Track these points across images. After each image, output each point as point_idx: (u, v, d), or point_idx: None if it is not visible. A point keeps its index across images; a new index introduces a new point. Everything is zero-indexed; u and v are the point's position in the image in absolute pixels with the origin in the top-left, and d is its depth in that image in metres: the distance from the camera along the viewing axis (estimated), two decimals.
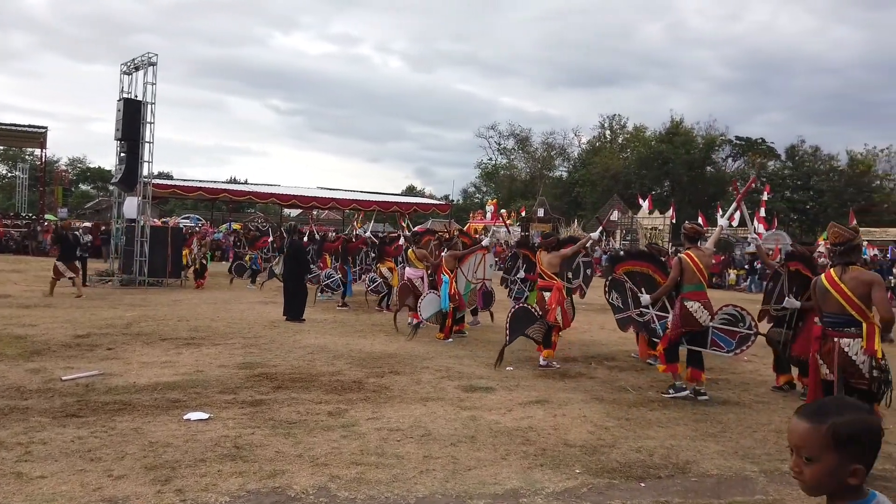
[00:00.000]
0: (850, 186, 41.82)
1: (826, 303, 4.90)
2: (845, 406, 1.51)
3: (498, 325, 11.42)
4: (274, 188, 22.78)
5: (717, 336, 6.78)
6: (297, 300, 11.51)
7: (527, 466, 4.58)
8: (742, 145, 50.15)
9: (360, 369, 7.57)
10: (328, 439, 5.01)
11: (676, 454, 4.94)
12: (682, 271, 6.86)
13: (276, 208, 32.40)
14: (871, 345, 4.68)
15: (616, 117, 57.92)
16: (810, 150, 46.86)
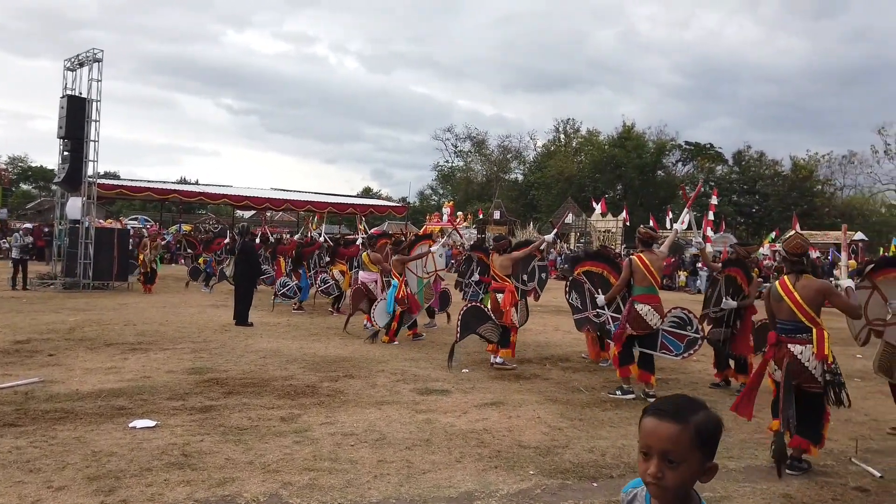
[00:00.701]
0: (794, 191, 43.32)
1: (780, 310, 5.03)
2: (696, 404, 1.51)
3: (454, 326, 11.41)
4: (226, 189, 22.26)
5: (666, 339, 6.92)
6: (245, 304, 11.21)
7: (481, 469, 4.58)
8: (691, 150, 51.47)
9: (313, 373, 7.46)
10: (280, 445, 4.91)
11: (628, 453, 5.02)
12: (632, 273, 7.01)
13: (229, 209, 31.76)
14: (822, 350, 4.82)
15: (570, 121, 58.79)
16: (756, 155, 48.45)
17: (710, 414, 1.50)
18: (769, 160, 47.85)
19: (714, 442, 1.48)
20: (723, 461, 4.91)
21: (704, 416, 1.48)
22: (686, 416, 1.46)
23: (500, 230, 38.73)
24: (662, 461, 1.44)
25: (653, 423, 1.48)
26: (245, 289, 11.35)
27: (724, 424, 1.53)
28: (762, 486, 4.44)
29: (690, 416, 1.46)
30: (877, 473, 4.70)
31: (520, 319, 8.96)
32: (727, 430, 5.74)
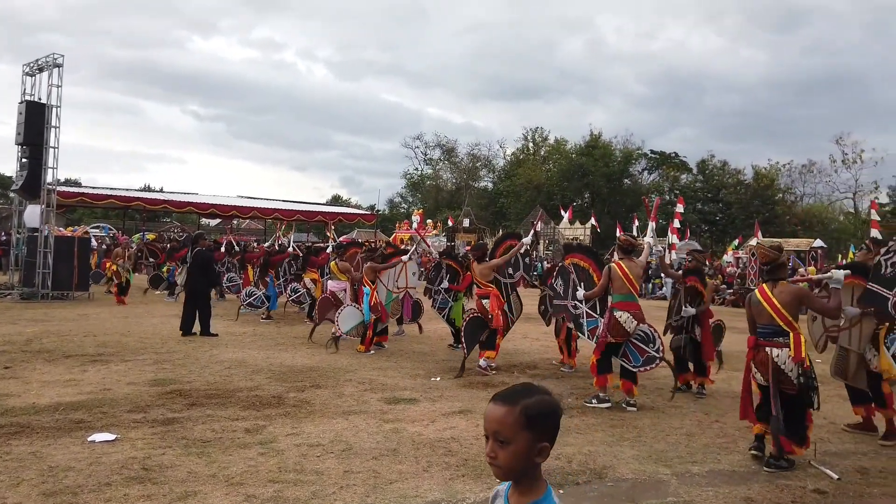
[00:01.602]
0: (756, 199, 44.35)
1: (760, 315, 5.24)
2: (533, 390, 1.62)
3: (426, 336, 11.42)
4: (191, 196, 21.82)
5: (629, 349, 7.00)
6: (204, 315, 10.80)
7: (448, 478, 4.57)
8: (657, 159, 52.37)
9: (280, 384, 7.37)
10: (244, 457, 4.84)
11: (594, 460, 5.06)
12: (610, 280, 7.09)
13: (195, 218, 31.21)
14: (799, 353, 4.99)
15: (539, 130, 59.37)
16: (719, 164, 49.52)
17: (544, 398, 1.59)
18: (732, 169, 49.02)
19: (542, 423, 1.57)
20: (686, 466, 4.99)
21: (535, 400, 1.58)
22: (516, 400, 1.58)
23: (469, 238, 38.83)
24: (495, 441, 1.56)
25: (489, 408, 1.61)
26: (201, 300, 10.85)
27: (559, 409, 1.60)
28: (724, 490, 4.51)
29: (521, 400, 1.58)
30: (834, 476, 4.81)
31: (515, 312, 9.04)
32: (690, 435, 5.85)
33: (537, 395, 1.61)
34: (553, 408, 1.60)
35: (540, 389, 1.63)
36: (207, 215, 23.09)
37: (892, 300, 5.26)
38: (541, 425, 1.57)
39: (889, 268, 5.36)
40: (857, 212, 43.81)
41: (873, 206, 25.05)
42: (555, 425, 1.60)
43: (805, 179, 47.41)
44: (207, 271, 11.22)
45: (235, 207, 20.39)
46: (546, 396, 1.61)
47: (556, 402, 1.62)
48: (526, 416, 1.56)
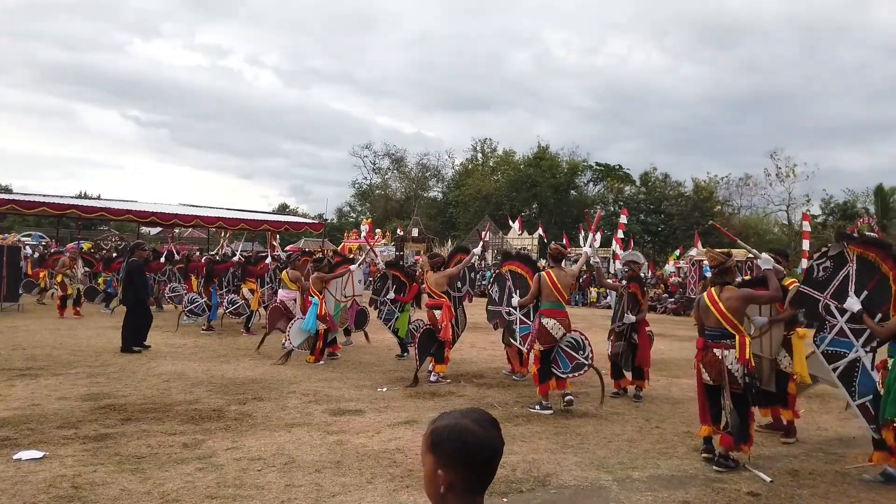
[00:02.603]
0: (696, 211, 45.74)
1: (707, 318, 5.46)
2: (451, 413, 1.59)
3: (372, 346, 11.32)
4: (130, 204, 21.06)
5: (559, 356, 7.13)
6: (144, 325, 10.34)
7: (393, 489, 4.53)
8: (602, 171, 53.49)
9: (220, 396, 7.18)
10: (181, 473, 4.68)
11: (538, 467, 5.09)
12: (540, 288, 7.21)
13: (134, 226, 30.13)
14: (743, 355, 5.24)
15: (487, 141, 59.91)
16: (661, 176, 50.86)
17: (457, 423, 1.54)
18: (673, 181, 50.41)
19: (441, 447, 1.51)
20: (627, 471, 5.09)
21: (446, 423, 1.55)
22: (435, 420, 1.58)
23: (418, 247, 38.84)
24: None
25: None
26: (137, 312, 10.29)
27: (461, 437, 1.50)
28: (663, 495, 4.61)
29: (437, 421, 1.57)
30: (767, 478, 4.97)
31: (460, 326, 9.09)
32: (631, 441, 5.96)
33: (448, 419, 1.55)
34: (456, 433, 1.51)
35: (460, 414, 1.57)
36: (147, 223, 22.28)
37: (822, 302, 5.54)
38: (439, 450, 1.52)
39: (821, 272, 5.64)
40: (790, 223, 45.72)
41: (805, 218, 26.15)
42: (457, 454, 1.50)
43: (742, 192, 49.16)
44: (136, 283, 10.57)
45: (177, 216, 19.71)
46: (460, 421, 1.53)
47: (466, 429, 1.52)
48: (431, 439, 1.54)
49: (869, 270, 5.32)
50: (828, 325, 5.53)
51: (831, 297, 5.51)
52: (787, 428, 6.31)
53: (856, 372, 5.32)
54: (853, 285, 5.36)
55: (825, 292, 5.56)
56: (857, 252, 5.42)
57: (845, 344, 5.40)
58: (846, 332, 5.41)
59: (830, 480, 5.06)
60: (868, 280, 5.30)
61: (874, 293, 5.24)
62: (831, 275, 5.55)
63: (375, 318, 11.05)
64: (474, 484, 1.53)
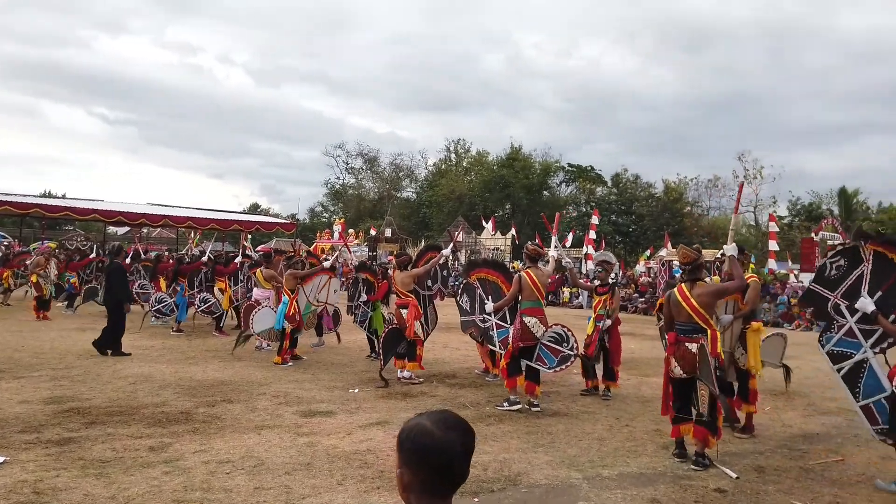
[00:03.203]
0: (666, 212, 46.39)
1: (679, 314, 5.55)
2: (422, 414, 1.59)
3: (344, 347, 11.24)
4: (97, 203, 20.54)
5: (542, 352, 7.18)
6: (118, 332, 9.95)
7: (363, 490, 4.50)
8: (574, 172, 53.93)
9: (188, 399, 7.06)
10: (147, 477, 4.60)
11: (509, 467, 5.11)
12: (521, 288, 7.26)
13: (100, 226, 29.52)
14: (715, 348, 5.37)
15: (461, 141, 60.01)
16: (632, 178, 51.41)
17: (414, 424, 1.55)
18: (644, 183, 51.00)
19: (403, 447, 1.53)
20: (597, 469, 5.13)
21: (412, 424, 1.56)
22: (407, 420, 1.59)
23: (391, 247, 38.71)
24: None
25: None
26: (115, 316, 10.03)
27: (418, 438, 1.52)
28: (632, 492, 4.65)
29: (408, 421, 1.58)
30: (733, 475, 5.06)
31: (430, 324, 9.04)
32: (601, 440, 6.01)
33: (416, 420, 1.56)
34: (415, 435, 1.52)
35: (428, 415, 1.57)
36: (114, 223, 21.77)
37: (832, 301, 5.49)
38: (401, 449, 1.54)
39: (834, 270, 5.56)
40: (757, 224, 46.59)
41: (772, 219, 26.82)
42: (414, 455, 1.51)
43: (711, 193, 50.05)
44: (117, 286, 10.27)
45: (145, 215, 19.32)
46: (419, 423, 1.54)
47: (419, 430, 1.52)
48: (398, 438, 1.57)
49: (887, 270, 5.20)
50: (836, 324, 5.45)
51: (842, 296, 5.42)
52: (746, 424, 6.48)
53: (861, 373, 5.26)
54: (866, 285, 5.25)
55: (836, 291, 5.48)
56: (874, 250, 5.29)
57: (853, 345, 5.33)
58: (855, 332, 5.32)
59: (795, 476, 5.16)
60: (884, 280, 5.19)
61: (889, 294, 5.15)
62: (844, 273, 5.45)
63: (352, 323, 11.00)
64: (435, 486, 1.53)
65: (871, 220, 40.40)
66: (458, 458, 1.53)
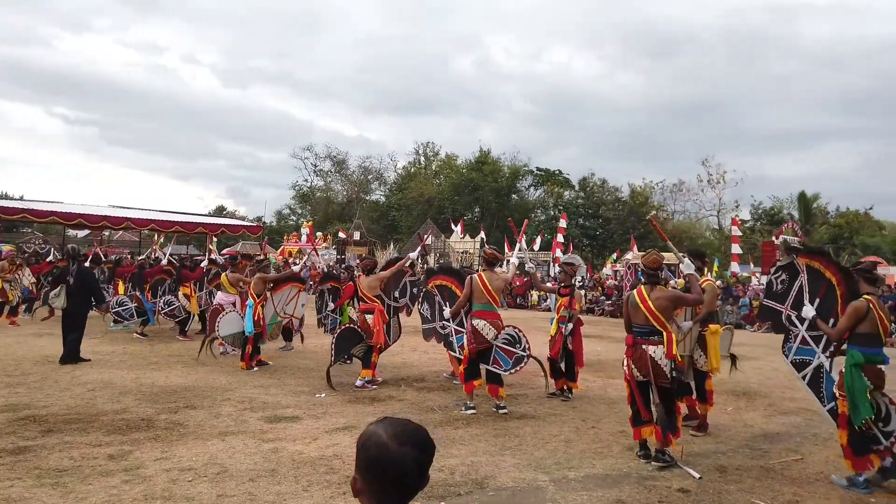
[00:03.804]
0: (632, 215, 47.04)
1: (636, 316, 5.63)
2: (383, 421, 1.59)
3: (311, 351, 11.13)
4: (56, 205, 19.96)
5: (498, 354, 7.23)
6: (78, 337, 9.54)
7: (329, 496, 4.45)
8: (542, 176, 54.38)
9: (150, 405, 6.91)
10: (106, 486, 4.48)
11: (476, 470, 5.11)
12: (472, 290, 7.33)
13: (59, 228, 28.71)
14: (671, 350, 5.46)
15: (430, 144, 60.05)
16: (599, 182, 52.09)
17: (370, 432, 1.56)
18: (611, 187, 51.67)
19: (357, 454, 1.55)
20: (563, 471, 5.16)
21: (366, 430, 1.58)
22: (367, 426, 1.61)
23: (360, 251, 38.51)
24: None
25: None
26: (78, 321, 9.62)
27: (370, 448, 1.53)
28: (598, 494, 4.69)
29: (367, 427, 1.60)
30: (696, 475, 5.13)
31: (392, 336, 8.99)
32: (568, 442, 6.05)
33: (374, 428, 1.56)
34: (369, 445, 1.53)
35: (393, 427, 1.56)
36: (74, 226, 21.17)
37: (784, 313, 5.83)
38: (358, 457, 1.56)
39: (779, 285, 5.94)
40: (720, 228, 47.51)
41: (734, 223, 27.40)
42: (364, 463, 1.52)
43: (675, 197, 50.89)
44: (92, 290, 10.01)
45: (106, 217, 18.80)
46: (378, 432, 1.54)
47: (377, 444, 1.52)
48: (357, 444, 1.58)
49: (817, 278, 5.60)
50: (792, 335, 5.76)
51: (791, 307, 5.76)
52: (701, 422, 6.66)
53: (821, 378, 5.51)
54: (807, 294, 5.62)
55: (785, 304, 5.81)
56: (804, 262, 5.71)
57: (808, 351, 5.62)
58: (808, 339, 5.63)
59: (756, 475, 5.26)
60: (818, 287, 5.57)
61: (826, 299, 5.51)
62: (788, 286, 5.83)
63: (322, 332, 10.91)
64: (385, 496, 1.52)
65: (830, 225, 41.54)
66: (411, 474, 1.52)
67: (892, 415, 5.06)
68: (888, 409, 5.07)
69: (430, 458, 1.57)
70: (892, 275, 27.10)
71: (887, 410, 5.07)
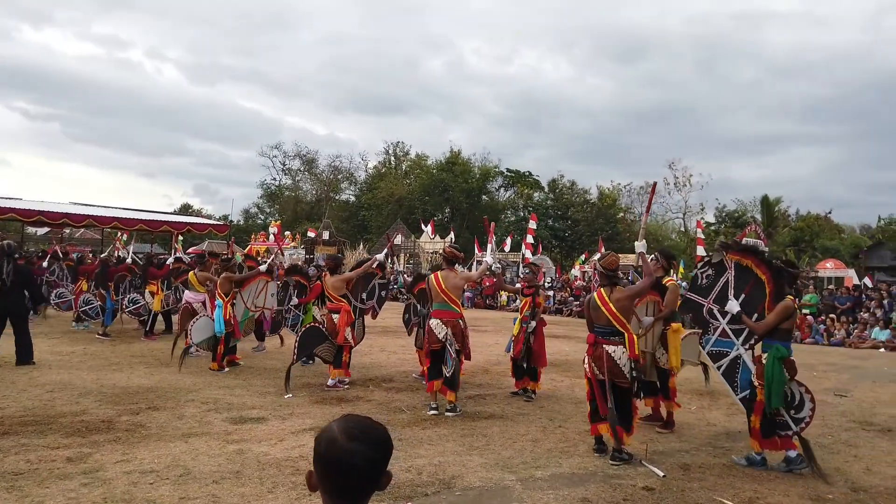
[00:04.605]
0: (600, 217, 47.58)
1: (597, 317, 5.72)
2: (344, 417, 1.60)
3: (279, 352, 11.02)
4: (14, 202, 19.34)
5: (447, 356, 7.16)
6: (26, 338, 9.16)
7: (294, 498, 4.40)
8: (512, 177, 54.70)
9: (111, 407, 6.76)
10: (64, 489, 4.37)
11: (444, 470, 5.10)
12: (429, 290, 7.37)
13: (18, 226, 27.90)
14: (633, 350, 5.61)
15: (400, 144, 59.91)
16: (568, 184, 52.53)
17: (328, 427, 1.56)
18: (579, 188, 52.16)
19: (315, 449, 1.54)
20: (530, 471, 5.19)
21: (326, 426, 1.58)
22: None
23: (329, 250, 38.24)
24: None
25: None
26: (17, 320, 9.18)
27: (320, 443, 1.54)
28: (564, 492, 4.72)
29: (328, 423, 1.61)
30: (660, 473, 5.21)
31: (355, 338, 8.94)
32: (535, 441, 6.09)
33: (332, 427, 1.55)
34: (321, 439, 1.54)
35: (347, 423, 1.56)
36: (33, 223, 20.54)
37: (706, 307, 6.11)
38: (314, 450, 1.56)
39: (704, 279, 6.21)
40: (686, 230, 48.31)
41: (699, 226, 27.92)
42: (315, 457, 1.54)
43: (643, 200, 51.59)
44: (29, 289, 9.65)
45: (67, 215, 18.27)
46: (332, 427, 1.54)
47: (328, 439, 1.52)
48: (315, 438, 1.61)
49: (745, 275, 5.87)
50: (712, 327, 6.04)
51: (714, 301, 6.04)
52: (667, 420, 6.83)
53: (737, 369, 5.84)
54: (732, 290, 5.90)
55: (708, 297, 6.09)
56: (735, 259, 5.98)
57: (727, 343, 5.92)
58: (728, 332, 5.93)
59: (718, 473, 5.35)
60: (745, 284, 5.85)
61: (751, 296, 5.79)
62: (713, 281, 6.09)
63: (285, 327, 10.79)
64: (336, 493, 1.52)
65: (791, 228, 42.55)
66: (357, 472, 1.49)
67: (805, 402, 5.47)
68: (802, 396, 5.49)
69: (384, 456, 1.55)
70: (850, 277, 27.88)
71: (801, 398, 5.49)
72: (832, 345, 17.30)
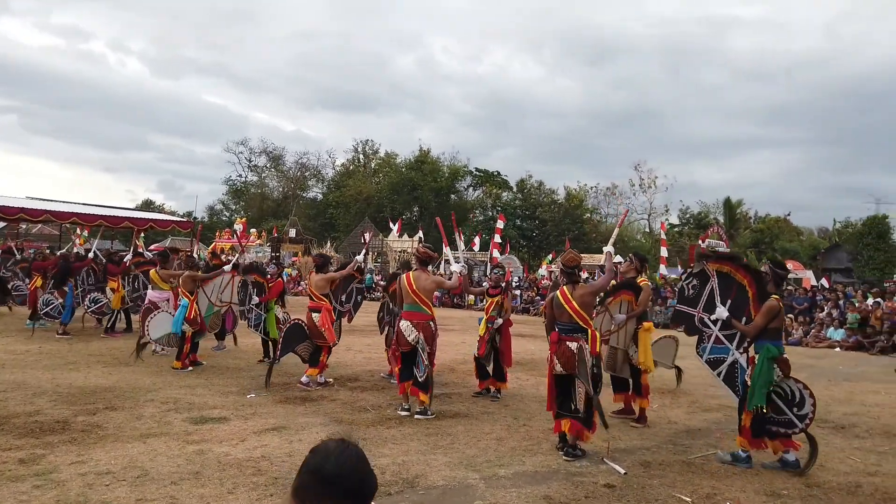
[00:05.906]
0: (567, 217, 48.00)
1: (561, 315, 5.82)
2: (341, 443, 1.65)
3: (241, 350, 10.86)
4: None
5: (418, 358, 7.08)
6: None
7: (255, 498, 4.34)
8: (481, 176, 54.86)
9: (66, 407, 6.58)
10: (15, 492, 4.24)
11: (407, 469, 5.09)
12: (400, 291, 7.30)
13: None
14: (594, 347, 5.70)
15: (369, 142, 59.62)
16: (536, 184, 52.86)
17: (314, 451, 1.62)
18: (547, 189, 52.53)
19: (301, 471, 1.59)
20: (494, 469, 5.21)
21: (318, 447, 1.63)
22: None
23: (296, 248, 37.87)
24: None
25: None
26: None
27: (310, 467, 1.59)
28: (527, 490, 4.75)
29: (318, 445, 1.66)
30: (622, 471, 5.27)
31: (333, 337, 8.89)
32: (500, 440, 6.12)
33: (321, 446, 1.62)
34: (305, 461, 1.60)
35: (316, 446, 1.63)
36: None
37: (696, 316, 6.21)
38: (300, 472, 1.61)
39: (690, 290, 6.31)
40: (651, 231, 49.07)
41: (662, 227, 28.51)
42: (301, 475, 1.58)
43: (609, 201, 52.25)
44: None
45: (23, 210, 17.70)
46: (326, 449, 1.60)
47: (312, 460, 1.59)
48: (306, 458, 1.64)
49: (728, 281, 6.01)
50: (706, 335, 6.13)
51: (703, 310, 6.14)
52: (640, 415, 7.01)
53: (736, 373, 5.91)
54: (718, 297, 6.02)
55: (697, 307, 6.19)
56: (714, 268, 6.11)
57: (723, 350, 6.01)
58: (721, 339, 6.02)
59: (678, 470, 5.44)
60: (729, 290, 5.98)
61: (736, 300, 5.92)
62: (699, 291, 6.20)
63: (246, 326, 10.64)
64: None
65: (752, 229, 43.55)
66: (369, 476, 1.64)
67: (806, 399, 5.51)
68: (801, 393, 5.54)
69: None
70: (808, 278, 28.65)
71: (801, 395, 5.53)
72: (790, 344, 17.72)
